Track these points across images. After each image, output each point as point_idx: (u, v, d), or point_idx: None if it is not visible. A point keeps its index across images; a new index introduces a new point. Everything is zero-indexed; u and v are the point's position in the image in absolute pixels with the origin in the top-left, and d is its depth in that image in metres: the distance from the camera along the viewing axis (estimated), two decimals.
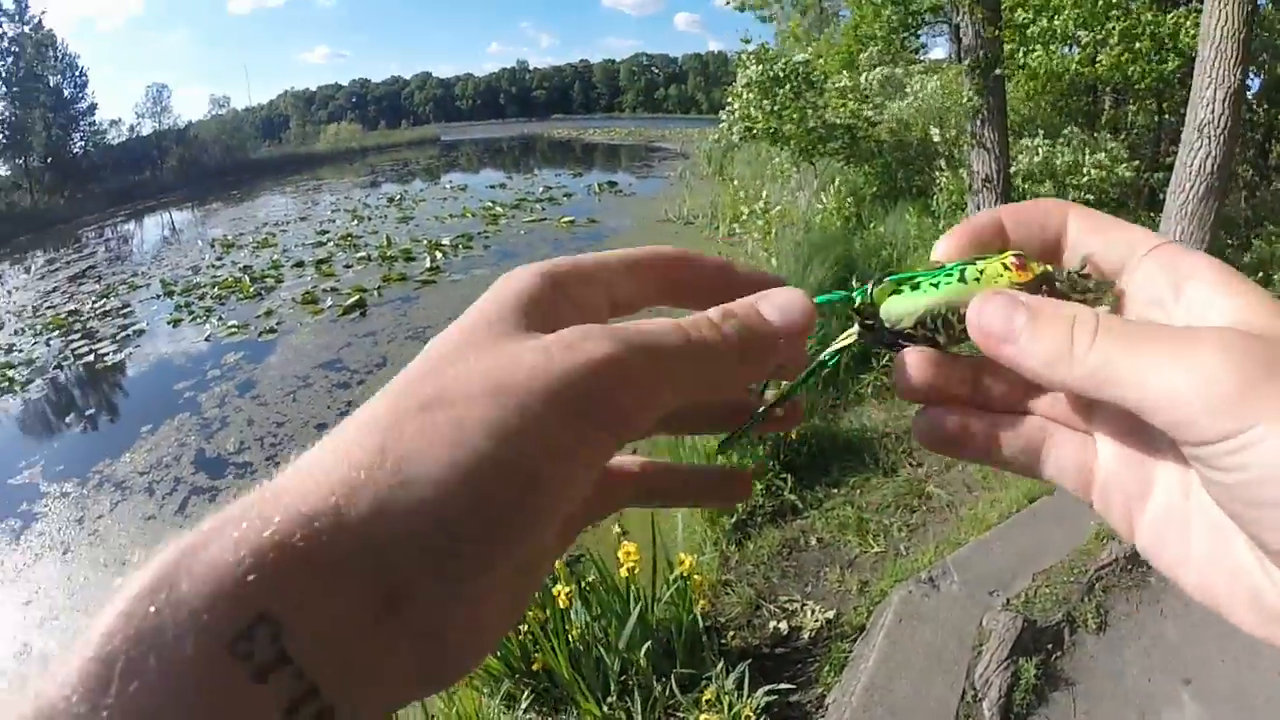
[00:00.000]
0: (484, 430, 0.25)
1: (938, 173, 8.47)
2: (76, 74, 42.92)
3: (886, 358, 0.37)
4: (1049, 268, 0.34)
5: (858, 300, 0.35)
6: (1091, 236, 0.35)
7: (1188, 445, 0.27)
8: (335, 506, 0.23)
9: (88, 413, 7.71)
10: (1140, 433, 0.31)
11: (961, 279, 0.33)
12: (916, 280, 0.34)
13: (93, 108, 43.57)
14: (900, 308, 0.34)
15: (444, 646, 0.27)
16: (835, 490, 3.80)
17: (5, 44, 38.79)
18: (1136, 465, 0.33)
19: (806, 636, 2.92)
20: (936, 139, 8.52)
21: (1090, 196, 7.43)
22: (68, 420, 7.61)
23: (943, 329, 0.33)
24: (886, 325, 0.35)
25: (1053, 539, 3.21)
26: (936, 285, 0.34)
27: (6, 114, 37.82)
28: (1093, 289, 0.33)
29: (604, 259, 0.34)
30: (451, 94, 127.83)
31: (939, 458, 4.00)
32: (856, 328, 0.36)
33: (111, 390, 8.50)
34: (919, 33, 9.58)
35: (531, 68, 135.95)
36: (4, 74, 38.61)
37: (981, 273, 0.33)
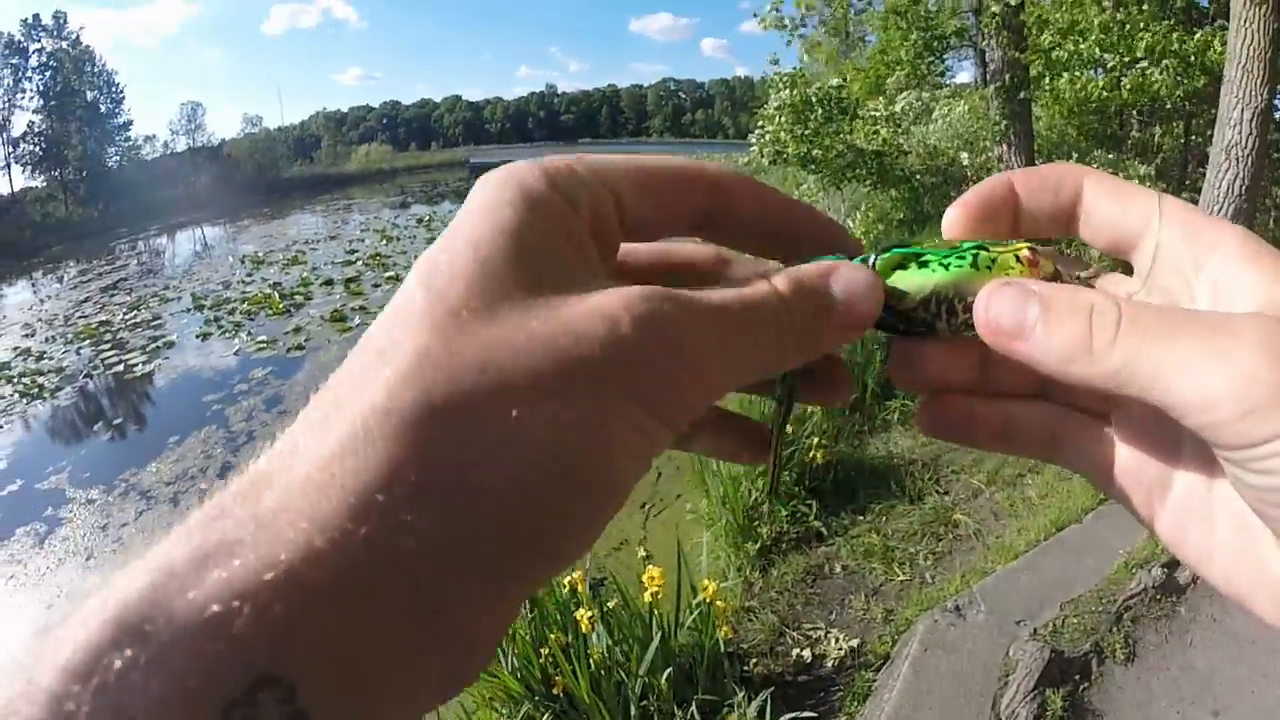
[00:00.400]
0: (555, 439, 0.22)
1: None
2: (113, 90, 44.14)
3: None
4: (1058, 268, 0.31)
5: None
6: (1108, 202, 0.32)
7: (1220, 448, 0.25)
8: (363, 537, 0.19)
9: (116, 421, 7.80)
10: (1161, 421, 0.28)
11: (974, 265, 0.30)
12: (925, 258, 0.31)
13: (128, 124, 44.82)
14: (906, 284, 0.31)
15: (473, 655, 0.23)
16: (861, 517, 3.76)
17: (44, 59, 39.90)
18: (1157, 454, 0.31)
19: (830, 665, 2.88)
20: (966, 163, 8.49)
21: None
22: (96, 428, 7.71)
23: (945, 315, 0.30)
24: (887, 304, 0.31)
25: (1081, 568, 3.16)
26: (946, 266, 0.31)
27: (43, 127, 38.84)
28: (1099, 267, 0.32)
29: (620, 162, 0.29)
30: (481, 117, 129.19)
31: (966, 484, 3.96)
32: None
33: (140, 400, 8.61)
34: (944, 57, 9.60)
35: (560, 92, 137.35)
36: (41, 88, 39.71)
37: (994, 261, 0.31)
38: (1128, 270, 0.33)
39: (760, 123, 8.52)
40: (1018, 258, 0.31)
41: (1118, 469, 0.32)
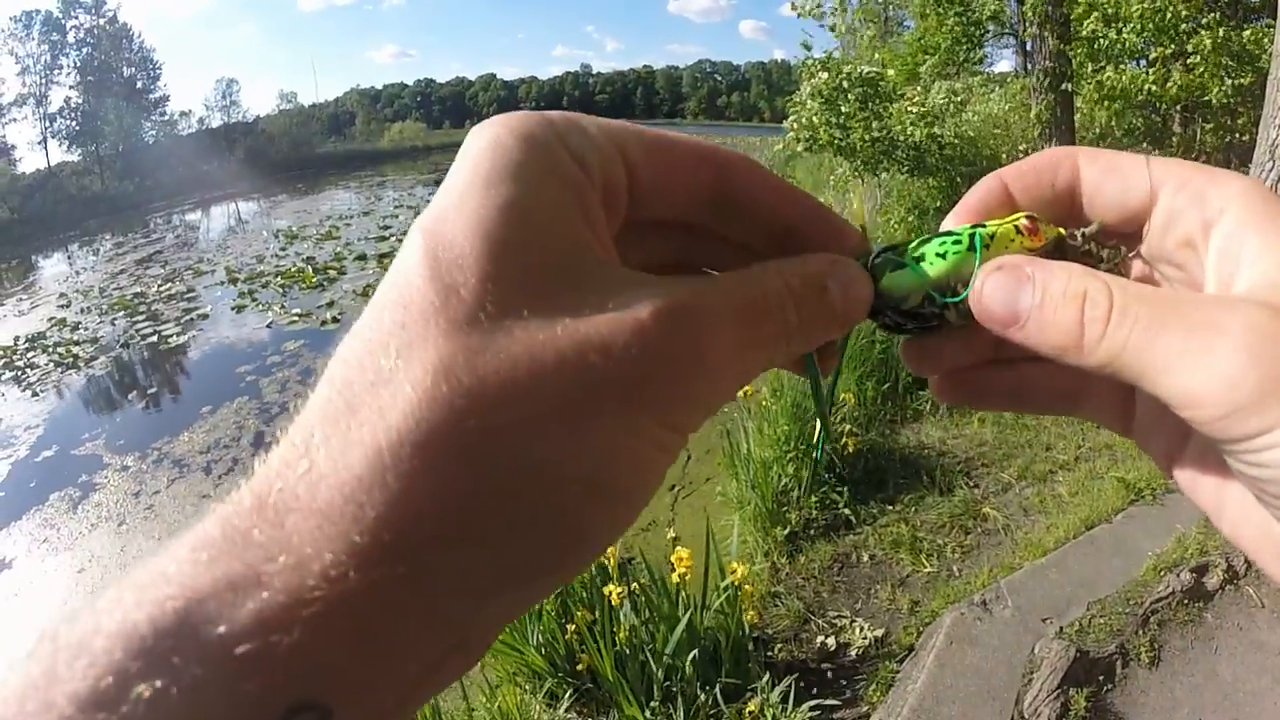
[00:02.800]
0: (586, 464, 0.22)
1: None
2: (150, 66, 44.93)
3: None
4: (1062, 231, 0.31)
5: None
6: (1108, 179, 0.31)
7: (1211, 439, 0.25)
8: (399, 571, 0.19)
9: (150, 391, 7.94)
10: None
11: (970, 246, 0.30)
12: (920, 253, 0.31)
13: (165, 99, 45.60)
14: (903, 283, 0.30)
15: (486, 645, 0.24)
16: (890, 507, 3.74)
17: (81, 35, 40.59)
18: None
19: (854, 654, 2.88)
20: (1004, 156, 8.37)
21: None
22: (130, 397, 7.85)
23: (949, 304, 0.30)
24: (889, 304, 0.31)
25: (1109, 568, 3.13)
26: (943, 256, 0.30)
27: (80, 103, 39.54)
28: (1110, 248, 0.31)
29: (632, 129, 0.28)
30: (515, 96, 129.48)
31: (996, 478, 3.93)
32: None
33: (174, 371, 8.74)
34: (983, 44, 9.44)
35: (595, 72, 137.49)
36: (79, 64, 40.49)
37: (992, 237, 0.30)
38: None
39: (794, 108, 8.43)
40: (1017, 229, 0.30)
41: (1137, 421, 0.33)
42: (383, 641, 0.19)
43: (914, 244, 0.31)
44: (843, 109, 7.87)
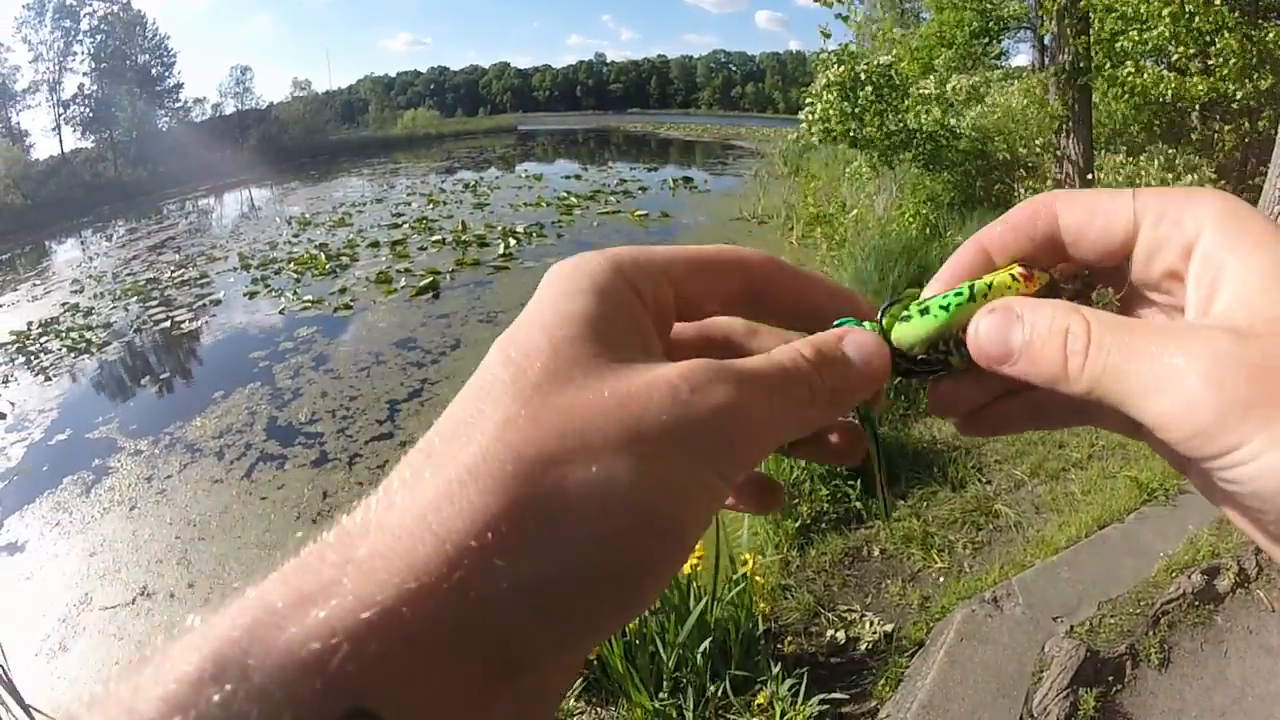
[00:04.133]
0: (631, 489, 0.24)
1: (1017, 183, 8.25)
2: (165, 54, 45.04)
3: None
4: (1054, 275, 0.34)
5: (870, 330, 0.34)
6: (1089, 221, 0.33)
7: (1191, 458, 0.27)
8: (457, 580, 0.21)
9: (162, 376, 7.98)
10: None
11: (971, 297, 0.33)
12: (925, 305, 0.33)
13: (179, 86, 45.70)
14: (910, 334, 0.33)
15: (539, 703, 0.25)
16: (902, 502, 3.75)
17: (94, 22, 40.73)
18: None
19: (864, 648, 2.88)
20: (1023, 150, 8.31)
21: None
22: (143, 382, 7.89)
23: (955, 349, 0.33)
24: (899, 353, 0.34)
25: (1121, 568, 3.12)
26: (946, 308, 0.33)
27: (93, 89, 39.66)
28: (1098, 287, 0.33)
29: (676, 255, 0.32)
30: (529, 84, 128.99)
31: (1008, 475, 3.92)
32: None
33: (186, 357, 8.78)
34: (1000, 38, 9.36)
35: (609, 61, 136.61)
36: (92, 51, 40.59)
37: (990, 286, 0.33)
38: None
39: (809, 100, 8.40)
40: (1013, 276, 0.33)
41: (1144, 428, 0.33)
42: (436, 646, 0.21)
43: (919, 300, 0.34)
44: (858, 101, 7.84)
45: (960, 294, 0.33)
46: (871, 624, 2.97)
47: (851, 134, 7.94)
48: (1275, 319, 0.26)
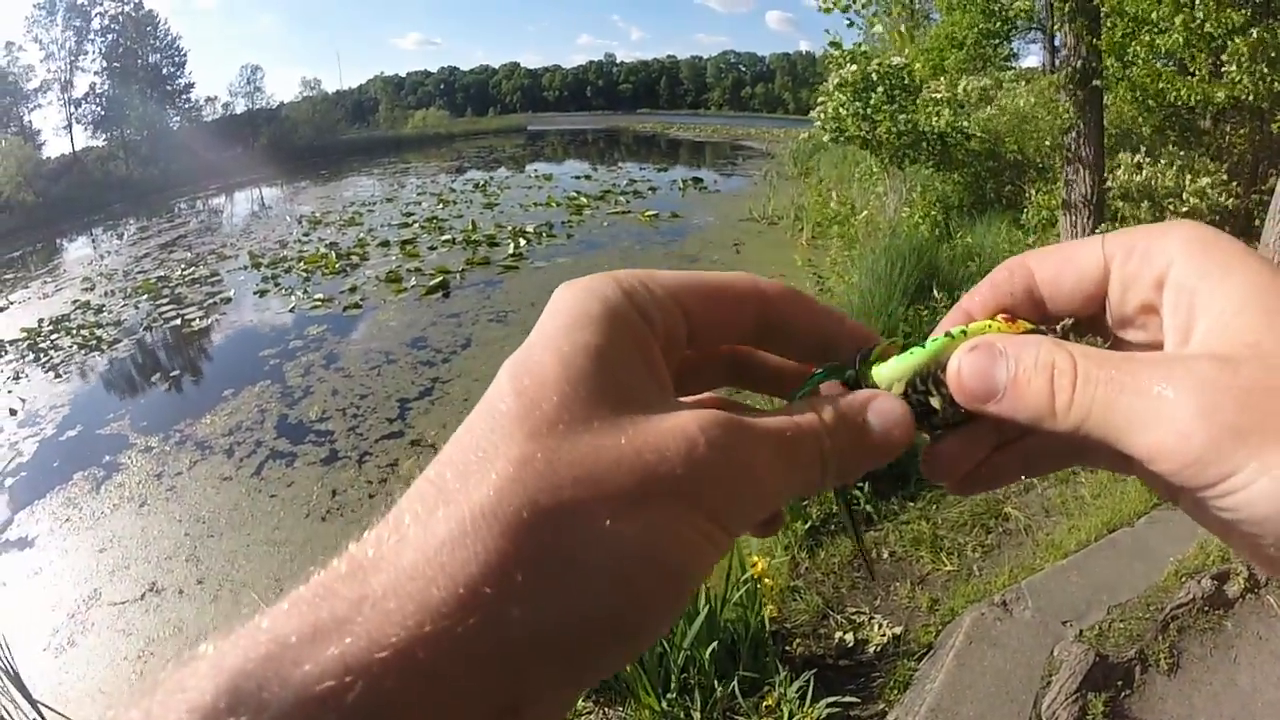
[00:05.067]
0: (641, 542, 0.24)
1: (1028, 185, 8.17)
2: (176, 53, 45.42)
3: None
4: (1036, 323, 0.33)
5: (849, 375, 0.34)
6: (1063, 271, 0.34)
7: (1185, 488, 0.27)
8: (470, 626, 0.21)
9: (172, 374, 8.03)
10: None
11: (950, 336, 0.32)
12: (909, 349, 0.33)
13: (190, 86, 46.04)
14: (889, 373, 0.33)
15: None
16: (911, 504, 3.73)
17: (105, 22, 41.13)
18: None
19: (872, 650, 2.88)
20: (1033, 152, 8.25)
21: None
22: (153, 380, 7.95)
23: (934, 388, 0.32)
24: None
25: (1131, 573, 3.11)
26: (924, 347, 0.32)
27: (105, 88, 40.02)
28: (1086, 340, 0.32)
29: (688, 282, 0.32)
30: (539, 84, 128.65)
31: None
32: None
33: (197, 354, 8.84)
34: (1010, 39, 9.30)
35: (619, 61, 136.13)
36: (104, 50, 40.93)
37: (964, 332, 0.32)
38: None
39: (821, 99, 8.36)
40: (992, 319, 0.33)
41: (1135, 463, 0.33)
42: (448, 686, 0.21)
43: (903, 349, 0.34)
44: (870, 102, 7.79)
45: (939, 338, 0.33)
46: (880, 626, 2.97)
47: (864, 135, 7.90)
48: (1256, 343, 0.26)
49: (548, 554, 0.23)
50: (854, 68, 7.83)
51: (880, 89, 7.71)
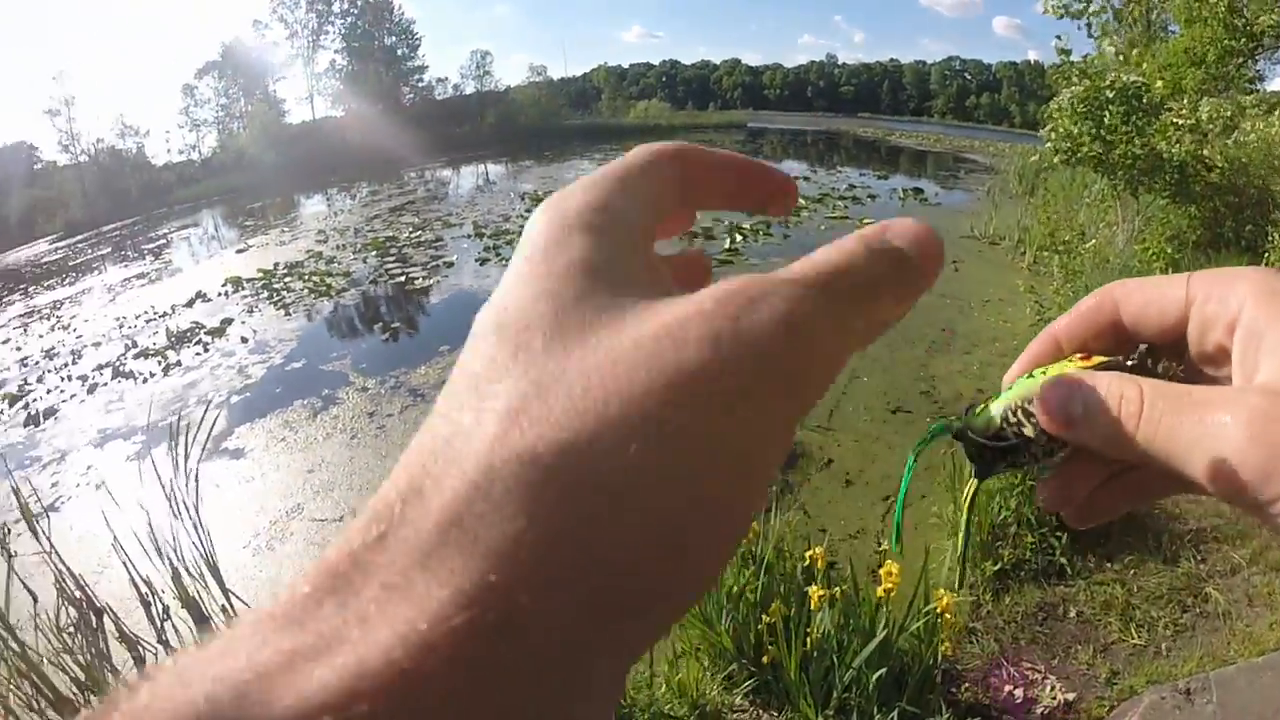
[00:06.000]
0: (679, 458, 0.19)
1: (1272, 227, 7.26)
2: (410, 37, 50.46)
3: None
4: (1118, 358, 0.36)
5: (956, 426, 0.38)
6: (1147, 307, 0.36)
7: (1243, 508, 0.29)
8: (490, 621, 0.17)
9: (393, 325, 8.63)
10: None
11: (1031, 377, 0.36)
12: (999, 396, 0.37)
13: (422, 68, 50.55)
14: (984, 417, 0.36)
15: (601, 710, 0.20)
16: (1108, 564, 3.54)
17: (345, 5, 47.13)
18: None
19: (1039, 712, 2.79)
20: (1277, 188, 7.34)
21: None
22: (375, 328, 8.58)
23: (1027, 420, 0.35)
24: (981, 439, 0.37)
25: None
26: (1011, 388, 0.36)
27: (344, 65, 45.29)
28: (1164, 366, 0.36)
29: (719, 158, 0.32)
30: (759, 82, 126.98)
31: (1225, 557, 3.62)
32: (971, 467, 0.38)
33: (416, 310, 9.46)
34: (1256, 57, 8.38)
35: (840, 63, 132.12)
36: (343, 31, 47.13)
37: (1044, 371, 0.36)
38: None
39: (1052, 115, 7.81)
40: (1070, 359, 0.37)
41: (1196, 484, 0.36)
42: (463, 694, 0.17)
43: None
44: (1105, 121, 7.22)
45: (1024, 378, 0.37)
46: (1053, 688, 2.88)
47: (1098, 156, 7.33)
48: None
49: (559, 524, 0.18)
50: (1087, 83, 7.27)
51: (1115, 107, 7.12)
